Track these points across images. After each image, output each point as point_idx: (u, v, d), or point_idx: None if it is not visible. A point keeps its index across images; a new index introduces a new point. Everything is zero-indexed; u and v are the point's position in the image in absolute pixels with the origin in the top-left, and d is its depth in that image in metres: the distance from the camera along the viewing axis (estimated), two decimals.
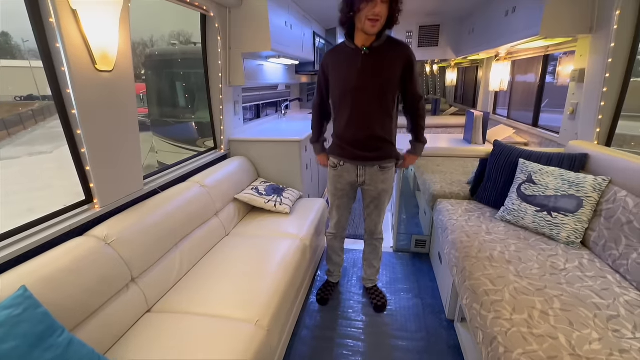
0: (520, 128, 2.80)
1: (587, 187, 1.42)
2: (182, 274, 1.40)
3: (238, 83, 2.24)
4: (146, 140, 5.73)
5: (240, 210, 2.01)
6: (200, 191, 1.69)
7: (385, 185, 1.56)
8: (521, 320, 0.99)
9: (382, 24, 1.27)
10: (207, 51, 2.11)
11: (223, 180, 1.92)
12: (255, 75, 2.59)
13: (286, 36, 2.49)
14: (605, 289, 1.13)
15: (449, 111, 4.90)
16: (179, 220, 1.46)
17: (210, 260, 1.52)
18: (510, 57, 2.97)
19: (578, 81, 1.86)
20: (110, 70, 1.21)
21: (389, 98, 1.39)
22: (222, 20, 2.05)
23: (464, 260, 1.36)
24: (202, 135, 5.09)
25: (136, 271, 1.20)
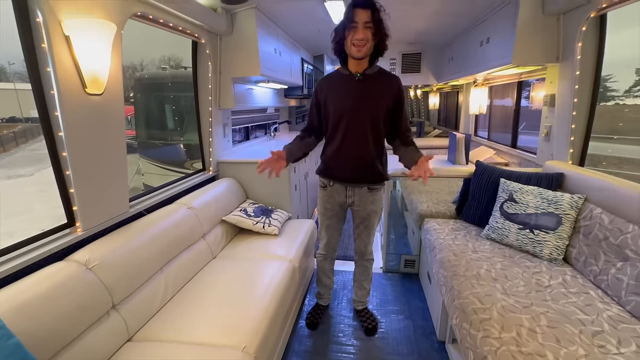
0: (500, 149, 2.93)
1: (565, 205, 1.49)
2: (166, 299, 1.35)
3: (228, 106, 2.29)
4: (132, 162, 5.65)
5: (228, 232, 1.98)
6: (187, 213, 1.67)
7: (374, 206, 1.58)
8: (510, 339, 1.00)
9: (368, 48, 1.33)
10: (198, 75, 2.16)
11: (211, 202, 1.90)
12: (244, 98, 2.65)
13: (275, 62, 2.58)
14: (588, 305, 1.15)
15: (432, 133, 5.08)
16: (164, 243, 1.43)
17: (196, 285, 1.48)
18: (487, 83, 3.15)
19: (550, 105, 1.99)
20: (100, 94, 1.22)
21: (380, 122, 1.43)
22: (213, 47, 2.12)
23: (452, 279, 1.38)
24: (190, 157, 5.07)
25: (118, 297, 1.15)
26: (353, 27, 1.30)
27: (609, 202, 1.35)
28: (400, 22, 2.76)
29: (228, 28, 2.11)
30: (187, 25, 1.79)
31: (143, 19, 1.49)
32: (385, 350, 1.61)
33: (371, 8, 1.29)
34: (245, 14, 2.10)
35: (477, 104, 3.08)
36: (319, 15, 2.48)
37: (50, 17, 1.03)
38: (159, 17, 1.53)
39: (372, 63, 1.43)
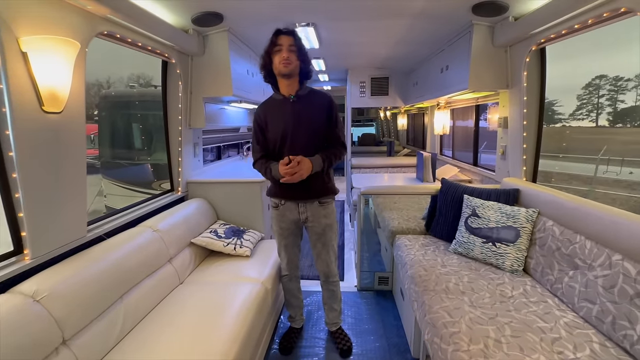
0: (463, 167, 3.11)
1: (522, 219, 1.60)
2: (125, 330, 1.24)
3: (198, 125, 2.26)
4: (94, 184, 5.32)
5: (197, 255, 1.90)
6: (152, 236, 1.59)
7: (328, 220, 1.60)
8: (478, 351, 1.03)
9: (294, 66, 1.44)
10: (167, 94, 2.13)
11: (178, 224, 1.82)
12: (216, 117, 2.63)
13: (248, 83, 2.61)
14: (547, 313, 1.22)
15: (402, 152, 5.30)
16: (125, 269, 1.34)
17: (160, 313, 1.38)
18: (449, 105, 3.38)
19: (504, 127, 2.17)
20: (59, 112, 1.16)
21: (319, 137, 1.51)
22: (184, 67, 2.11)
23: (423, 294, 1.40)
24: (158, 177, 4.87)
25: (69, 331, 1.05)
26: (278, 50, 1.44)
27: (558, 214, 1.47)
28: (368, 48, 2.93)
29: (200, 49, 2.12)
30: (156, 45, 1.78)
31: (110, 38, 1.47)
32: None
33: (293, 35, 1.46)
34: (218, 36, 2.13)
35: (440, 125, 3.28)
36: None
37: (6, 33, 0.99)
38: (126, 36, 1.51)
39: (302, 85, 1.53)
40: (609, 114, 39.14)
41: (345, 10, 1.95)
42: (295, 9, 1.95)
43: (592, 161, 11.07)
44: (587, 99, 41.27)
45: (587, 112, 41.17)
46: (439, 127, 3.29)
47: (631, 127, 33.24)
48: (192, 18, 1.87)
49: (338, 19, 2.13)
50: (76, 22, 1.22)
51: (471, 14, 1.88)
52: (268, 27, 2.31)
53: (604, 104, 39.90)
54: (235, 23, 2.09)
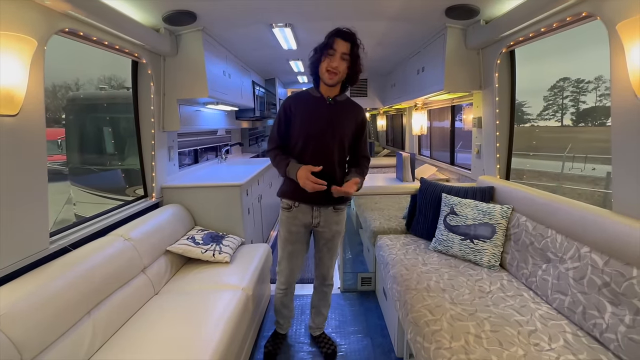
0: (441, 166, 3.18)
1: (497, 215, 1.64)
2: (94, 348, 1.16)
3: (173, 128, 2.17)
4: (63, 191, 5.01)
5: (174, 264, 1.82)
6: (124, 246, 1.50)
7: (339, 226, 1.56)
8: (459, 347, 1.04)
9: (340, 77, 1.37)
10: (138, 96, 2.03)
11: (153, 232, 1.74)
12: (192, 120, 2.54)
13: (224, 84, 2.54)
14: (523, 306, 1.26)
15: (382, 153, 5.36)
16: (93, 282, 1.25)
17: (134, 327, 1.31)
18: (426, 106, 3.46)
19: (478, 127, 2.24)
20: (14, 115, 1.07)
21: (345, 146, 1.47)
22: (156, 67, 2.02)
23: (405, 294, 1.41)
24: (131, 183, 4.65)
25: (29, 353, 0.96)
26: (330, 54, 1.34)
27: (531, 210, 1.53)
28: None
29: (172, 49, 2.04)
30: (125, 44, 1.69)
31: (72, 36, 1.38)
32: None
33: (351, 41, 1.35)
34: (191, 36, 2.07)
35: (418, 126, 3.35)
36: (268, 40, 2.54)
37: None
38: (91, 34, 1.43)
39: (343, 90, 1.49)
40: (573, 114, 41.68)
41: (322, 11, 1.95)
42: (272, 9, 1.92)
43: (559, 158, 11.72)
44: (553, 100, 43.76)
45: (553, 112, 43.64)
46: (417, 127, 3.36)
47: (592, 126, 35.56)
48: (163, 17, 1.79)
49: (315, 20, 2.12)
50: (32, 18, 1.13)
51: (444, 16, 1.93)
52: (243, 29, 2.29)
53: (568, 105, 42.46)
54: (209, 23, 2.04)
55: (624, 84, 1.09)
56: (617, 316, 1.00)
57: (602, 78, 36.25)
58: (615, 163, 1.17)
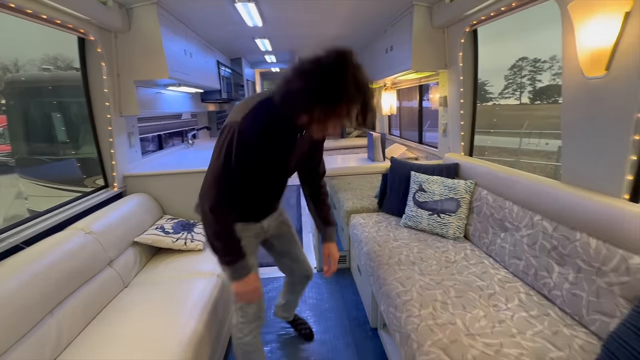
0: (410, 145, 3.28)
1: (461, 190, 1.74)
2: (60, 348, 1.11)
3: (131, 113, 2.02)
4: (11, 185, 4.56)
5: (143, 255, 1.75)
6: (86, 239, 1.41)
7: (283, 217, 1.41)
8: (427, 314, 1.11)
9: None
10: (89, 78, 1.85)
11: (117, 223, 1.65)
12: (152, 103, 2.38)
13: (186, 64, 2.39)
14: (484, 272, 1.36)
15: (354, 134, 5.40)
16: (53, 280, 1.17)
17: (104, 322, 1.26)
18: (395, 86, 3.50)
19: (444, 105, 2.31)
20: None
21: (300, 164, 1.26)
22: (107, 45, 1.85)
23: (377, 269, 1.47)
24: (89, 173, 4.33)
25: None
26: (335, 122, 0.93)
27: (492, 184, 1.63)
28: (314, 28, 2.85)
29: (124, 25, 1.86)
30: (67, 19, 1.51)
31: (3, 9, 1.21)
32: (325, 348, 1.63)
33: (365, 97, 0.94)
34: (144, 10, 1.89)
35: (388, 106, 3.39)
36: (231, 17, 2.39)
37: None
38: (24, 6, 1.26)
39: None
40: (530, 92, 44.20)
41: None
42: None
43: (517, 135, 12.51)
44: (512, 79, 45.96)
45: (512, 91, 45.96)
46: (387, 107, 3.40)
47: (547, 104, 38.03)
48: None
49: None
50: None
51: None
52: (204, 3, 2.12)
53: (526, 84, 44.87)
54: None
55: (574, 63, 1.17)
56: (563, 275, 1.12)
57: (556, 57, 38.50)
58: (565, 137, 1.27)
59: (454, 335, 1.00)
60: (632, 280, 0.91)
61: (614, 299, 0.94)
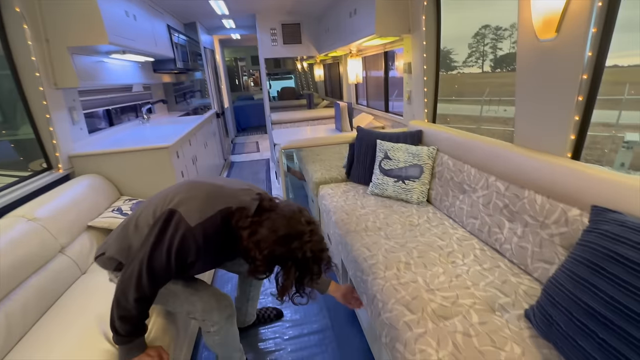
0: (377, 114, 3.28)
1: (424, 156, 1.79)
2: (14, 340, 1.04)
3: (69, 85, 1.80)
4: None
5: (100, 239, 1.64)
6: (30, 227, 1.29)
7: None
8: (392, 275, 1.17)
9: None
10: (10, 44, 1.60)
11: (66, 208, 1.52)
12: (94, 74, 2.13)
13: (130, 28, 2.14)
14: (444, 233, 1.44)
15: (322, 104, 5.31)
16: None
17: (61, 311, 1.19)
18: (360, 53, 3.42)
19: (408, 72, 2.30)
20: None
21: None
22: (28, 4, 1.58)
23: (345, 236, 1.51)
24: (30, 156, 3.91)
25: None
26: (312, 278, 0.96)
27: (452, 149, 1.69)
28: None
29: None
30: None
31: None
32: (299, 315, 1.68)
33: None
34: None
35: (354, 74, 3.32)
36: None
37: None
38: None
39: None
40: (491, 61, 45.60)
41: None
42: None
43: (479, 103, 13.03)
44: (476, 47, 46.93)
45: (475, 59, 47.11)
46: (353, 76, 3.33)
47: (507, 71, 39.64)
48: None
49: None
50: None
51: None
52: None
53: (488, 52, 46.10)
54: None
55: (529, 27, 1.18)
56: (512, 230, 1.21)
57: (515, 26, 39.60)
58: (518, 101, 1.32)
59: (415, 292, 1.06)
60: (569, 230, 1.00)
61: (554, 248, 1.05)
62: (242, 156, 4.97)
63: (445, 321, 0.94)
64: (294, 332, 1.57)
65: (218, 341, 1.16)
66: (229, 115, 6.03)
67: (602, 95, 1.27)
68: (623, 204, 0.86)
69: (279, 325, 1.62)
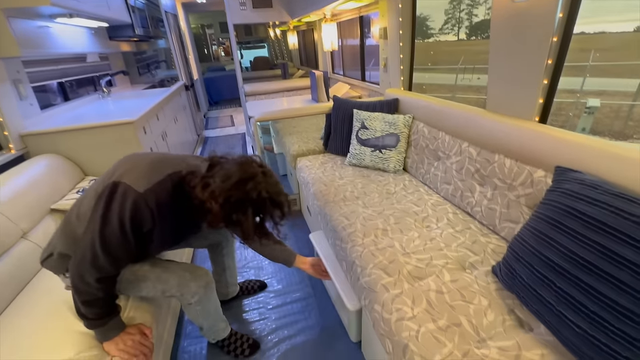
0: (354, 83, 3.22)
1: (400, 125, 1.79)
2: None
3: (9, 54, 1.59)
4: None
5: None
6: None
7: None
8: (370, 241, 1.20)
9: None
10: None
11: (23, 191, 1.41)
12: (39, 41, 1.90)
13: None
14: (419, 199, 1.48)
15: (297, 74, 5.12)
16: None
17: (29, 296, 1.14)
18: (335, 18, 3.27)
19: (384, 38, 2.23)
20: None
21: None
22: None
23: (324, 207, 1.52)
24: None
25: None
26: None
27: (428, 117, 1.70)
28: None
29: None
30: None
31: None
32: (282, 284, 1.72)
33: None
34: None
35: (329, 41, 3.19)
36: None
37: None
38: None
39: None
40: (467, 28, 45.38)
41: None
42: None
43: (454, 71, 13.10)
44: (452, 14, 46.29)
45: (451, 26, 46.64)
46: (328, 43, 3.20)
47: (482, 39, 39.73)
48: None
49: None
50: None
51: None
52: None
53: (464, 18, 45.69)
54: None
55: None
56: (483, 194, 1.27)
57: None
58: (491, 66, 1.32)
59: (392, 256, 1.10)
60: (534, 191, 1.06)
61: (520, 208, 1.11)
62: (217, 131, 4.77)
63: (420, 281, 0.99)
64: (277, 301, 1.61)
65: (200, 312, 1.15)
66: (200, 88, 5.71)
67: (569, 62, 1.29)
68: (584, 164, 0.91)
69: (262, 296, 1.66)
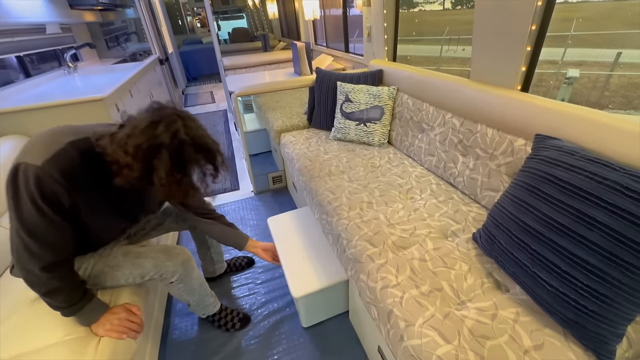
0: (337, 55, 3.11)
1: (385, 97, 1.76)
2: None
3: None
4: None
5: None
6: None
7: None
8: (355, 215, 1.21)
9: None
10: None
11: None
12: None
13: None
14: (404, 172, 1.50)
15: (278, 46, 4.91)
16: None
17: (9, 283, 1.11)
18: None
19: (367, 5, 2.14)
20: None
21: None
22: None
23: (310, 182, 1.51)
24: None
25: None
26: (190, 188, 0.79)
27: (412, 88, 1.67)
28: None
29: None
30: None
31: None
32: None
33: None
34: None
35: (310, 9, 3.04)
36: None
37: None
38: None
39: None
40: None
41: None
42: None
43: (439, 42, 12.89)
44: None
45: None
46: (309, 11, 3.05)
47: (467, 8, 38.91)
48: None
49: None
50: None
51: None
52: None
53: None
54: None
55: None
56: (465, 164, 1.28)
57: None
58: (475, 35, 1.29)
59: (377, 228, 1.12)
60: (514, 159, 1.08)
61: (500, 177, 1.13)
62: (197, 108, 4.58)
63: (404, 250, 1.01)
64: (265, 276, 1.64)
65: (183, 289, 1.14)
66: (176, 63, 5.39)
67: (551, 32, 1.28)
68: (564, 131, 0.92)
69: (251, 272, 1.67)
